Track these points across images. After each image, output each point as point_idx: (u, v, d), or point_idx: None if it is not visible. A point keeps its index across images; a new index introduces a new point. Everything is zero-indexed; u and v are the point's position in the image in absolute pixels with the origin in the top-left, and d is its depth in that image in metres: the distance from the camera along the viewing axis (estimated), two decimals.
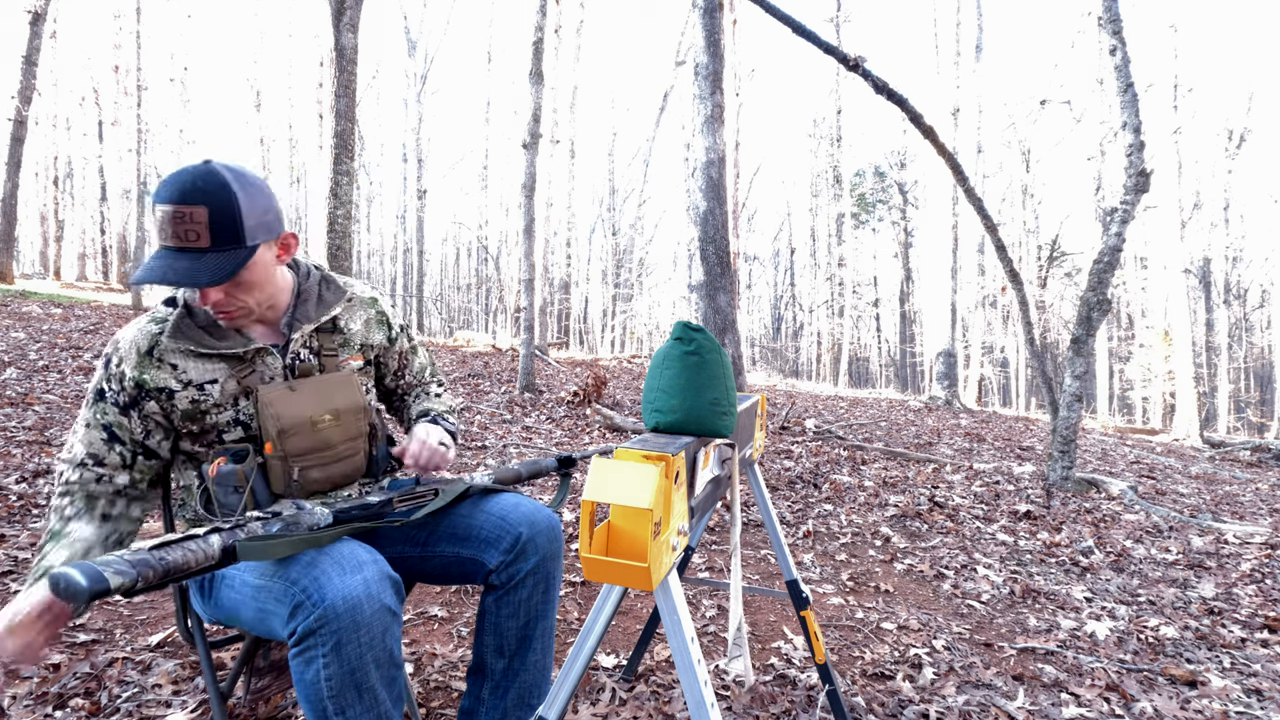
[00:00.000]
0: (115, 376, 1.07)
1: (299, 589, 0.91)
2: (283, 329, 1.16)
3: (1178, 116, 13.18)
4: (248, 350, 1.10)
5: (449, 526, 1.21)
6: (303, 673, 0.90)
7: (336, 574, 0.91)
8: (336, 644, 0.88)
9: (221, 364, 1.09)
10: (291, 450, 1.11)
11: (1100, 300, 4.49)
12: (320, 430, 1.13)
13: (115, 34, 16.30)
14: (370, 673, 0.91)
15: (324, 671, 0.89)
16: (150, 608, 1.93)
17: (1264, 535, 3.66)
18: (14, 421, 3.66)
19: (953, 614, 2.41)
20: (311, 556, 0.95)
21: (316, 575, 0.91)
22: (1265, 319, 26.07)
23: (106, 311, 8.22)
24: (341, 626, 0.88)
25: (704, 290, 5.80)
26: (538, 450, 4.31)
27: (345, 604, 0.89)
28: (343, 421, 1.16)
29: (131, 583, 0.76)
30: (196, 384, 1.08)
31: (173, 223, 0.97)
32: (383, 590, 0.93)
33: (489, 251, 22.27)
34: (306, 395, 1.13)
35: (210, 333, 1.09)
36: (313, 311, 1.18)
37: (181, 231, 0.97)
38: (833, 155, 20.79)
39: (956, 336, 11.90)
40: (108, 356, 1.08)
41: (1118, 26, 4.44)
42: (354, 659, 0.89)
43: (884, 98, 5.00)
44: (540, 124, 6.72)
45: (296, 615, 0.90)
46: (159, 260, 0.98)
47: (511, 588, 1.17)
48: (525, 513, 1.19)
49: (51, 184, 18.40)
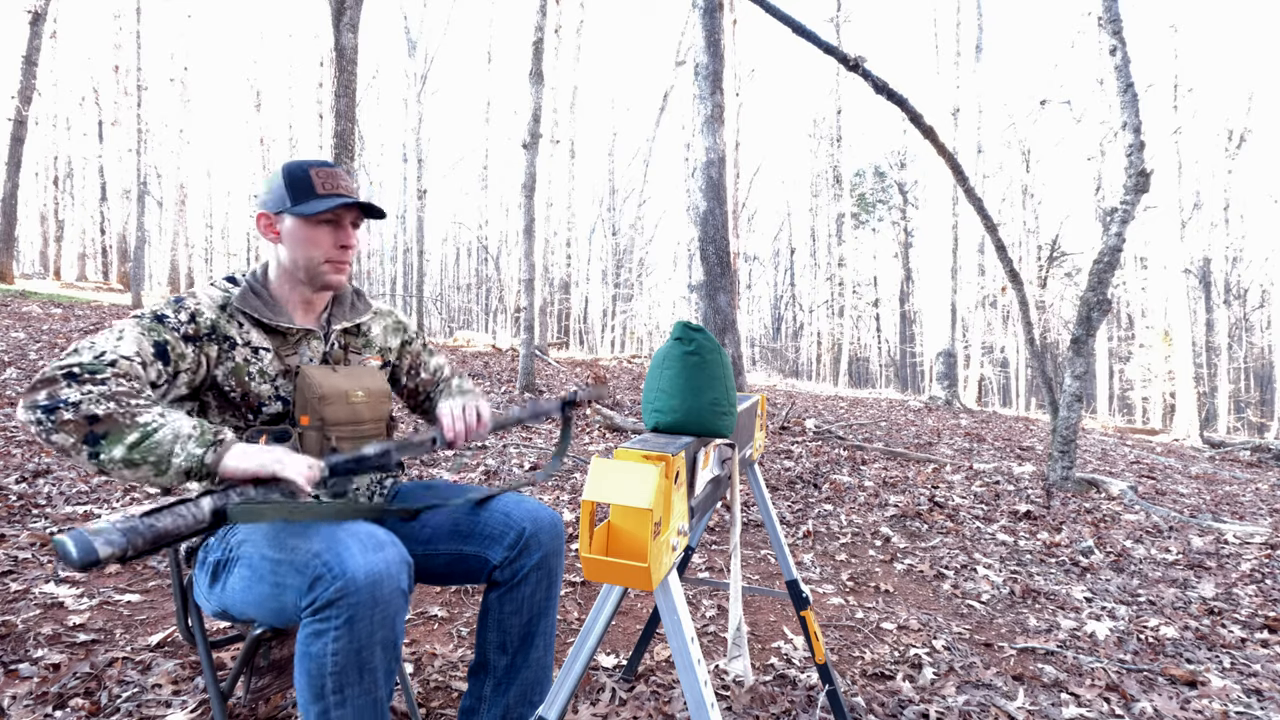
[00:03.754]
0: (188, 311, 1.11)
1: (321, 561, 0.93)
2: (322, 323, 1.28)
3: (1178, 116, 13.17)
4: (296, 330, 1.20)
5: (452, 524, 1.23)
6: (309, 645, 0.92)
7: (360, 550, 0.94)
8: (350, 618, 0.90)
9: (274, 338, 1.19)
10: (329, 419, 1.18)
11: (1100, 300, 4.49)
12: (354, 404, 1.22)
13: (115, 34, 16.32)
14: (375, 653, 0.93)
15: (332, 645, 0.91)
16: (150, 608, 1.93)
17: (1264, 535, 3.66)
18: (14, 421, 3.66)
19: (953, 614, 2.41)
20: (334, 533, 0.97)
21: (339, 550, 0.94)
22: (1265, 319, 26.06)
23: (106, 311, 8.22)
24: (360, 601, 0.90)
25: (704, 290, 5.80)
26: (538, 450, 4.31)
27: (367, 579, 0.91)
28: (371, 400, 1.26)
29: (122, 551, 0.77)
30: (254, 346, 1.16)
31: (339, 177, 1.18)
32: (400, 572, 0.96)
33: (489, 251, 22.28)
34: (342, 375, 1.24)
35: (270, 308, 1.19)
36: (347, 313, 1.31)
37: (345, 186, 1.19)
38: (833, 155, 20.79)
39: (956, 336, 11.89)
40: (179, 299, 1.13)
41: (1118, 26, 4.44)
42: (364, 636, 0.91)
43: (884, 98, 5.00)
44: (540, 124, 6.72)
45: (316, 586, 0.92)
46: (337, 195, 1.16)
47: (515, 584, 1.20)
48: (528, 509, 1.23)
49: (51, 184, 18.41)
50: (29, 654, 1.61)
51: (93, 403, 0.91)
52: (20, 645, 1.65)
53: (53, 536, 0.89)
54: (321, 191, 1.16)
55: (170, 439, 0.93)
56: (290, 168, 1.17)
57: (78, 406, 0.90)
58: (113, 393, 0.93)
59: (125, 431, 0.91)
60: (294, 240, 1.18)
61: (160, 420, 0.94)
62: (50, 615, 1.81)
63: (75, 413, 0.90)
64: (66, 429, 0.90)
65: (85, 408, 0.90)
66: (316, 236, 1.18)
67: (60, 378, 0.92)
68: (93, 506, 2.64)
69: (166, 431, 0.94)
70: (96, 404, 0.91)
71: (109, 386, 0.94)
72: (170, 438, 0.93)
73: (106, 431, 0.91)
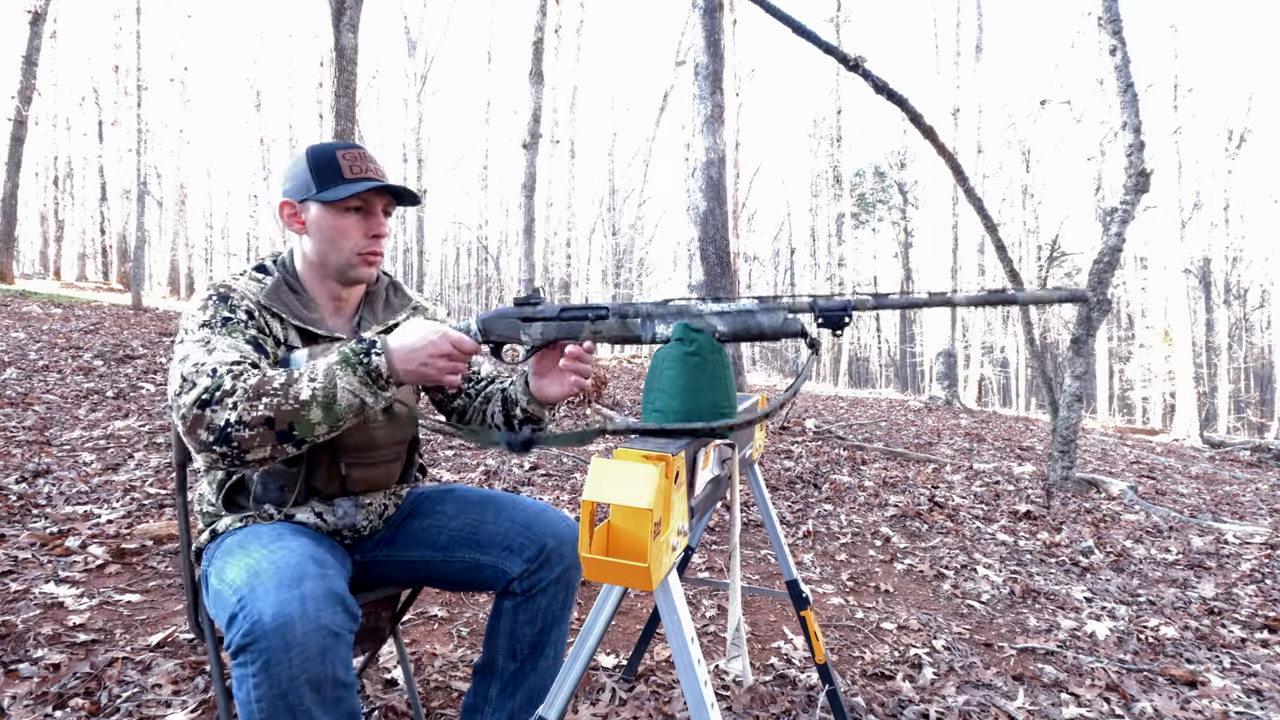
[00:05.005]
0: (241, 308, 1.06)
1: (237, 599, 0.86)
2: (353, 327, 1.19)
3: (1178, 116, 13.18)
4: (324, 337, 1.13)
5: (471, 531, 1.20)
6: (237, 690, 0.85)
7: (274, 587, 0.85)
8: (265, 664, 0.82)
9: (305, 339, 1.12)
10: (341, 443, 1.10)
11: (1100, 300, 4.49)
12: (371, 429, 1.13)
13: (115, 34, 16.32)
14: (304, 696, 0.84)
15: (254, 692, 0.82)
16: (150, 608, 1.93)
17: (1264, 535, 3.66)
18: (14, 421, 3.66)
19: (953, 614, 2.41)
20: (259, 564, 0.90)
21: (255, 587, 0.86)
22: (1265, 319, 26.07)
23: (106, 311, 8.22)
24: (270, 646, 0.82)
25: (704, 290, 5.80)
26: (537, 450, 4.31)
27: (274, 621, 0.82)
28: (392, 425, 1.16)
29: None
30: (289, 347, 1.10)
31: (368, 159, 1.11)
32: (321, 609, 0.85)
33: (489, 251, 22.28)
34: None
35: (305, 306, 1.13)
36: (380, 314, 1.22)
37: (375, 169, 1.12)
38: (833, 155, 20.78)
39: (956, 336, 11.90)
40: (222, 293, 1.06)
41: (1118, 27, 4.44)
42: (284, 681, 0.82)
43: (884, 98, 5.00)
44: (540, 124, 6.72)
45: (231, 626, 0.85)
46: (366, 179, 1.09)
47: (532, 595, 1.16)
48: (550, 521, 1.19)
49: (51, 184, 18.41)
50: (29, 654, 1.61)
51: (250, 410, 0.90)
52: (20, 645, 1.65)
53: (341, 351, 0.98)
54: (349, 175, 1.08)
55: (344, 390, 0.93)
56: (315, 150, 1.10)
57: (243, 422, 0.90)
58: (256, 389, 0.91)
59: (304, 412, 0.91)
60: (320, 230, 1.10)
61: (316, 383, 0.92)
62: (50, 615, 1.81)
63: (247, 428, 0.90)
64: (254, 444, 0.91)
65: (251, 416, 0.90)
66: (344, 226, 1.10)
67: (201, 412, 0.90)
68: (93, 506, 2.64)
69: (333, 389, 0.92)
70: (253, 409, 0.90)
71: (245, 384, 0.91)
72: (343, 389, 0.93)
73: (291, 424, 0.91)
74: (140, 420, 3.97)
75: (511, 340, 1.07)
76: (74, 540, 2.28)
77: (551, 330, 1.06)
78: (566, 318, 1.04)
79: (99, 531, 2.38)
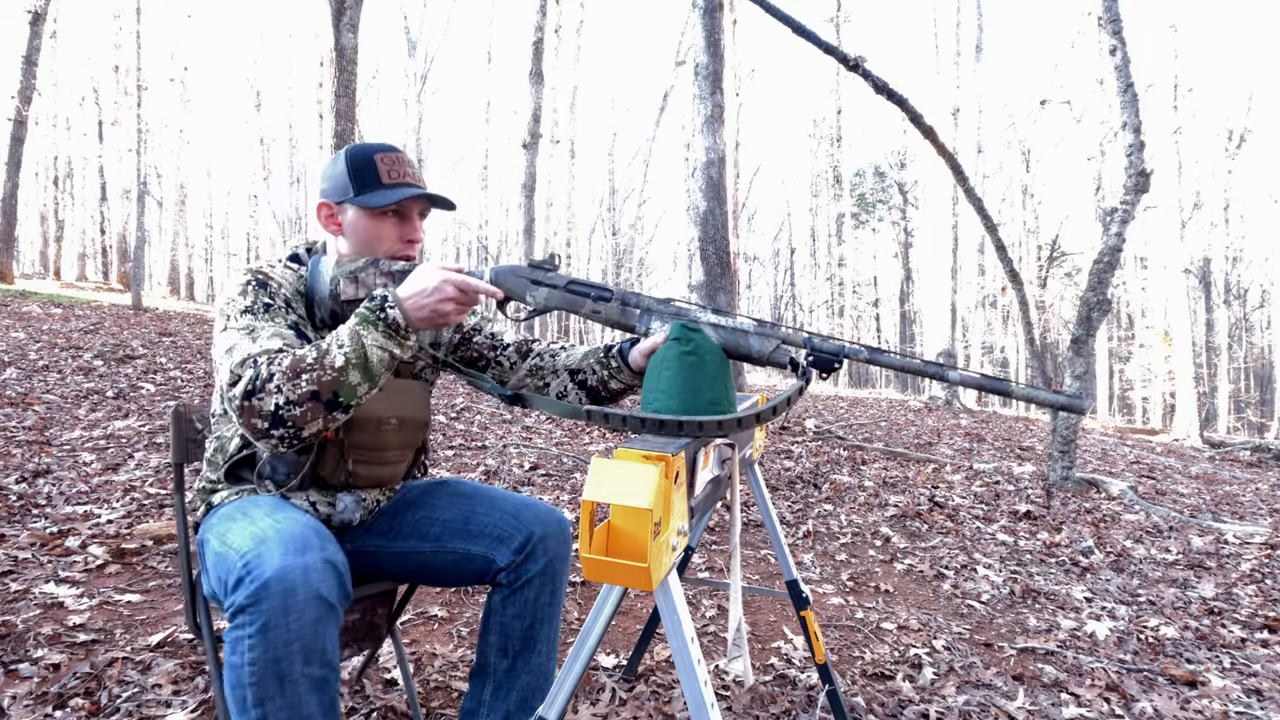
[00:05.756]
0: (280, 297, 1.07)
1: (243, 562, 0.87)
2: None
3: (1178, 116, 13.18)
4: None
5: (462, 522, 1.21)
6: (230, 654, 0.86)
7: (280, 552, 0.87)
8: (264, 626, 0.83)
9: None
10: (352, 442, 1.12)
11: (1100, 300, 4.49)
12: (383, 432, 1.16)
13: (115, 34, 16.32)
14: (295, 664, 0.85)
15: (248, 654, 0.84)
16: (150, 608, 1.93)
17: (1264, 535, 3.66)
18: (14, 421, 3.66)
19: (953, 614, 2.41)
20: (264, 530, 0.92)
21: (261, 552, 0.88)
22: (1265, 319, 26.06)
23: (106, 311, 8.22)
24: (272, 608, 0.83)
25: (704, 290, 5.80)
26: (538, 450, 4.31)
27: (280, 584, 0.84)
28: (404, 430, 1.19)
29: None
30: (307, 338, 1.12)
31: (406, 164, 1.14)
32: (322, 580, 0.87)
33: (489, 251, 22.28)
34: (380, 398, 1.13)
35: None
36: None
37: (413, 175, 1.15)
38: (833, 155, 20.79)
39: (956, 336, 11.90)
40: (260, 279, 1.07)
41: (1118, 27, 4.44)
42: (279, 645, 0.84)
43: (884, 98, 5.00)
44: (540, 124, 6.73)
45: (237, 589, 0.86)
46: (405, 184, 1.12)
47: (519, 587, 1.17)
48: (538, 513, 1.21)
49: (51, 184, 18.41)
50: (29, 654, 1.61)
51: (294, 390, 0.93)
52: (20, 645, 1.65)
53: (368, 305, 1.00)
54: (388, 181, 1.10)
55: (373, 348, 0.96)
56: (354, 153, 1.11)
57: (290, 401, 0.93)
58: (294, 368, 0.94)
59: (343, 378, 0.94)
60: (356, 233, 1.12)
61: (345, 348, 0.95)
62: (50, 615, 1.81)
63: (296, 406, 0.93)
64: (307, 419, 0.94)
65: (296, 394, 0.93)
66: (380, 230, 1.12)
67: (249, 403, 0.93)
68: (93, 506, 2.64)
69: (362, 349, 0.95)
70: (296, 388, 0.93)
71: (281, 367, 0.94)
72: (371, 347, 0.96)
73: (335, 392, 0.94)
74: (140, 420, 3.97)
75: (518, 298, 1.10)
76: (74, 540, 2.28)
77: (555, 299, 1.09)
78: (572, 290, 1.08)
79: (99, 531, 2.38)
